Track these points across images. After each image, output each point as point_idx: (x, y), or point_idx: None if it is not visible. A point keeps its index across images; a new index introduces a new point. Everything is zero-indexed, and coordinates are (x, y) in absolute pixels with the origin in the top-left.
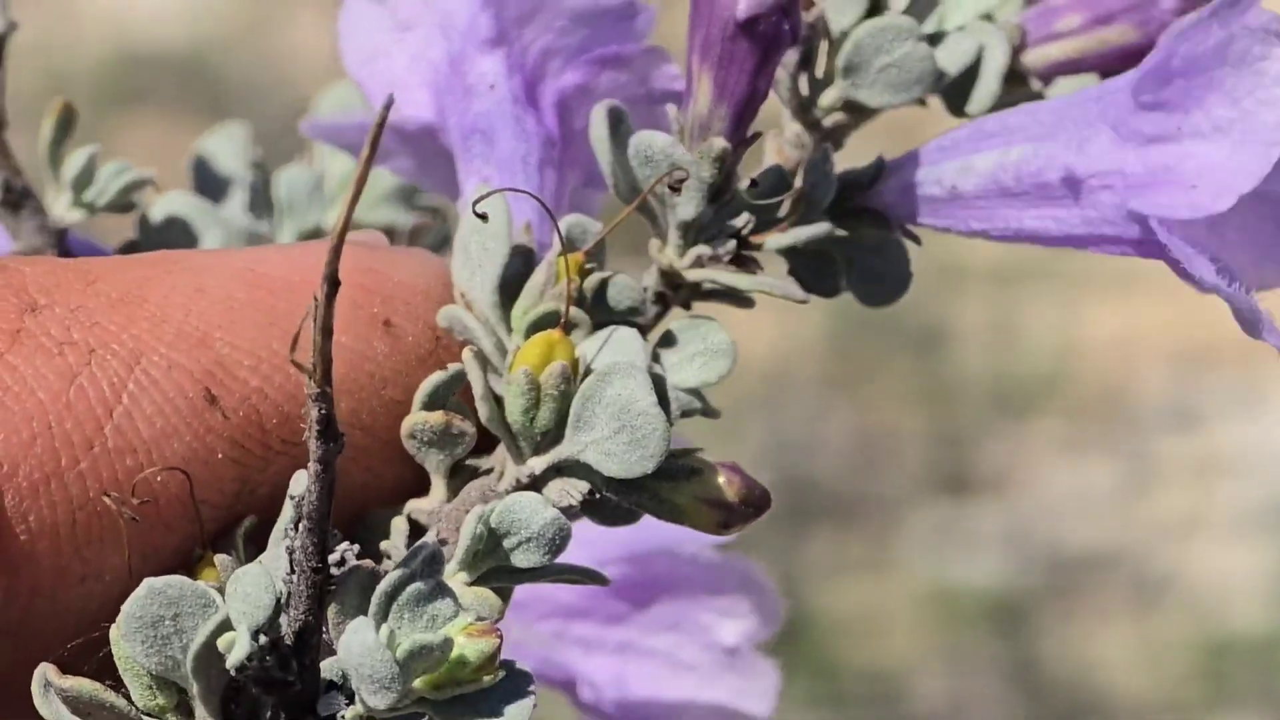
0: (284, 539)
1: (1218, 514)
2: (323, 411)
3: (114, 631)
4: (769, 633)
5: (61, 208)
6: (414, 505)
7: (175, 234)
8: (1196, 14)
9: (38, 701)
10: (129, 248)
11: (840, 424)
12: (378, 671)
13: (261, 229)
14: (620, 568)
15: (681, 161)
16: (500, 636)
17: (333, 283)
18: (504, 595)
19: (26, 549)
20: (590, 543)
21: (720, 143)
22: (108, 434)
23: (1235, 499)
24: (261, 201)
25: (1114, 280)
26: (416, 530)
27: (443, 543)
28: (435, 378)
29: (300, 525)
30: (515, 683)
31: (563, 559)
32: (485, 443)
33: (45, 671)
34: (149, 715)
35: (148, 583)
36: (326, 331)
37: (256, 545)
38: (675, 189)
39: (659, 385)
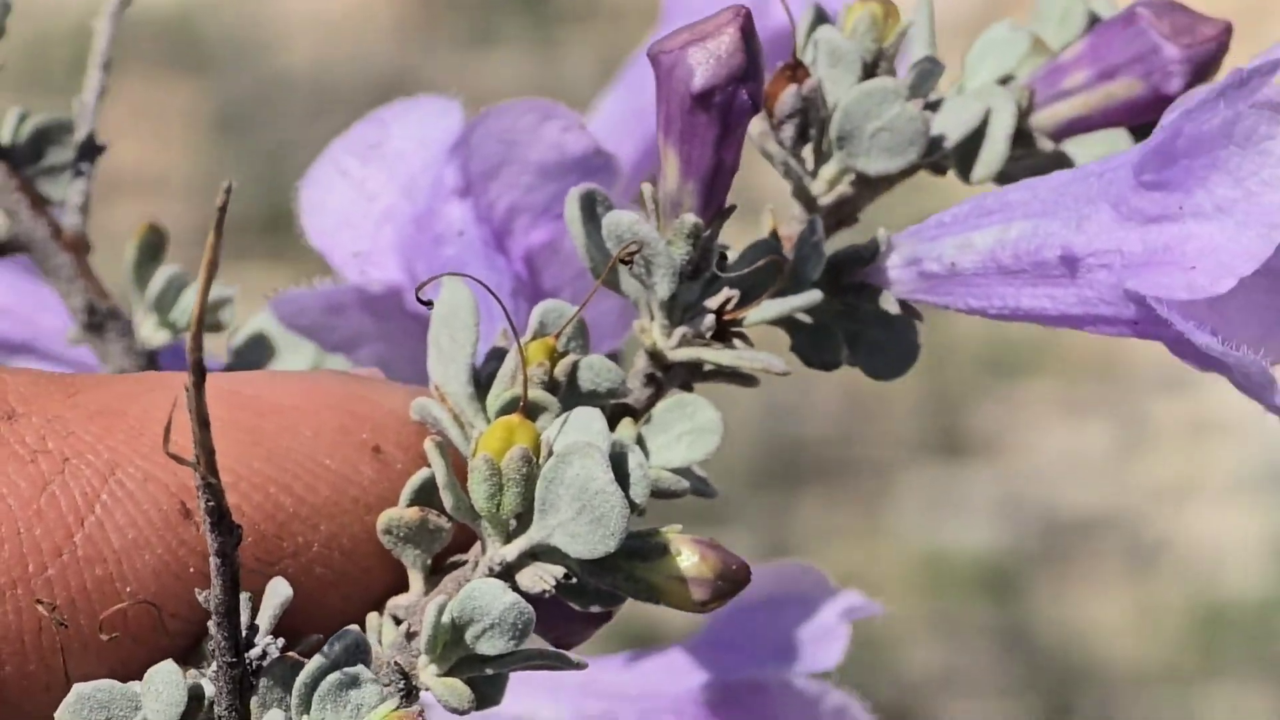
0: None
1: (1213, 477)
2: (211, 503)
3: None
4: None
5: (149, 329)
6: (394, 602)
7: (260, 352)
8: (1204, 91)
9: None
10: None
11: (830, 386)
12: None
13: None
14: (711, 694)
15: (645, 237)
16: None
17: (198, 371)
18: (495, 687)
19: None
20: (680, 670)
21: (691, 218)
22: (78, 542)
23: (1230, 462)
24: None
25: None
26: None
27: (412, 635)
28: (419, 475)
29: (210, 621)
30: None
31: (651, 686)
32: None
33: None
34: None
35: (76, 689)
36: (203, 422)
37: None
38: (627, 262)
39: (618, 463)
